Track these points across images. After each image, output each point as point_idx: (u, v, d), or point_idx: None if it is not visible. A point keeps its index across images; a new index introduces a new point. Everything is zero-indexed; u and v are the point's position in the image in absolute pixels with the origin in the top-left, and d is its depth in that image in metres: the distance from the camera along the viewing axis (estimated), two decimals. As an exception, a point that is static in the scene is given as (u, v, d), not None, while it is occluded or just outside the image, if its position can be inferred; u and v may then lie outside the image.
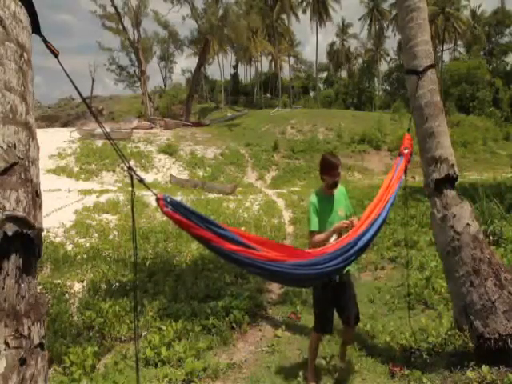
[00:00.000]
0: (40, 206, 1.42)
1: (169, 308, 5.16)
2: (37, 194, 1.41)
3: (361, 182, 22.34)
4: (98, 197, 14.46)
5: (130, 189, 2.08)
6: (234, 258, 2.46)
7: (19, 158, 1.34)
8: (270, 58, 61.09)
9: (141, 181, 2.11)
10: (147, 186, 2.21)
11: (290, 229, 11.40)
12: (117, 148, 1.98)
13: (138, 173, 2.14)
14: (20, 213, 1.29)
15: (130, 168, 2.02)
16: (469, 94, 45.32)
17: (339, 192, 3.49)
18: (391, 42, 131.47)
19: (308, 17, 54.94)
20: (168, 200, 2.23)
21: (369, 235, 3.04)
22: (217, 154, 27.87)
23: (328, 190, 3.43)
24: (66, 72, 1.74)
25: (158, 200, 2.22)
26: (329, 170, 3.36)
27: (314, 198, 3.39)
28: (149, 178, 21.52)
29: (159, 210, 2.28)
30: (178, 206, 2.27)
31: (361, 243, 2.98)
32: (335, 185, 3.41)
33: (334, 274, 3.16)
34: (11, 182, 1.29)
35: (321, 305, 3.47)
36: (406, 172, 3.62)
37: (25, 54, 1.46)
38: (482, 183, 13.34)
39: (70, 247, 8.52)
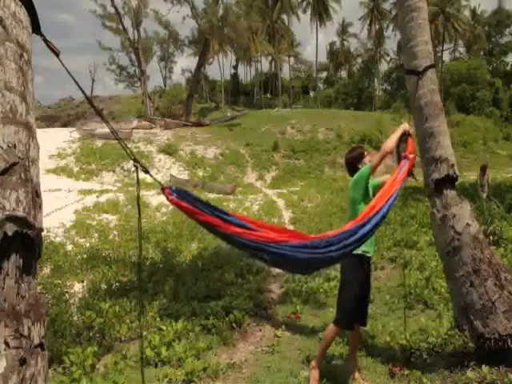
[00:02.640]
0: (40, 206, 1.42)
1: (169, 308, 5.16)
2: (37, 194, 1.41)
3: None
4: (97, 197, 14.46)
5: (135, 182, 2.13)
6: (240, 241, 2.50)
7: (19, 157, 1.34)
8: (269, 58, 61.11)
9: (146, 172, 2.18)
10: (153, 176, 2.29)
11: (290, 229, 11.40)
12: (123, 143, 2.00)
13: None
14: (20, 213, 1.29)
15: (135, 160, 2.05)
16: (469, 94, 45.29)
17: None
18: (391, 42, 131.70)
19: (308, 17, 55.04)
20: (173, 189, 2.30)
21: (369, 226, 3.05)
22: (217, 154, 27.85)
23: None
24: (67, 70, 1.74)
25: (163, 189, 2.28)
26: (361, 156, 3.67)
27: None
28: (149, 177, 21.44)
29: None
30: (183, 194, 2.32)
31: (360, 233, 3.00)
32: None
33: (331, 262, 3.16)
34: (11, 182, 1.29)
35: (357, 300, 3.42)
36: (413, 174, 3.62)
37: (25, 54, 1.46)
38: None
39: (69, 247, 8.53)
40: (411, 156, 3.66)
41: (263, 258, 2.71)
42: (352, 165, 3.68)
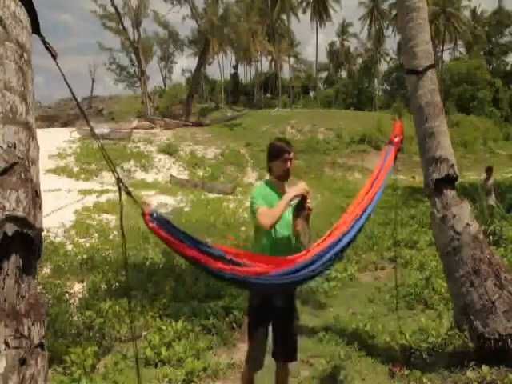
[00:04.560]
0: (40, 206, 1.42)
1: (169, 308, 5.16)
2: (37, 194, 1.41)
3: (361, 182, 22.34)
4: (97, 197, 14.45)
5: (119, 199, 1.94)
6: (222, 276, 2.37)
7: (19, 157, 1.34)
8: (269, 58, 61.10)
9: (128, 193, 2.00)
10: (134, 200, 2.07)
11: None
12: (107, 156, 1.92)
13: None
14: (20, 213, 1.29)
15: (118, 179, 1.93)
16: (469, 94, 45.32)
17: None
18: (391, 41, 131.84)
19: (309, 17, 55.07)
20: (154, 215, 2.10)
21: (355, 230, 2.86)
22: (217, 154, 27.84)
23: (279, 182, 2.86)
24: (62, 73, 1.73)
25: (143, 215, 2.08)
26: (278, 153, 2.84)
27: (260, 186, 2.87)
28: (149, 178, 21.50)
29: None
30: (164, 223, 2.13)
31: (344, 241, 2.78)
32: (287, 175, 2.85)
33: (318, 275, 2.90)
34: (11, 182, 1.29)
35: (258, 337, 2.86)
36: (395, 160, 3.47)
37: (25, 54, 1.46)
38: (482, 183, 13.34)
39: (69, 247, 8.53)
40: (396, 139, 3.50)
41: (248, 288, 2.58)
42: (269, 158, 2.90)
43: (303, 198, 2.69)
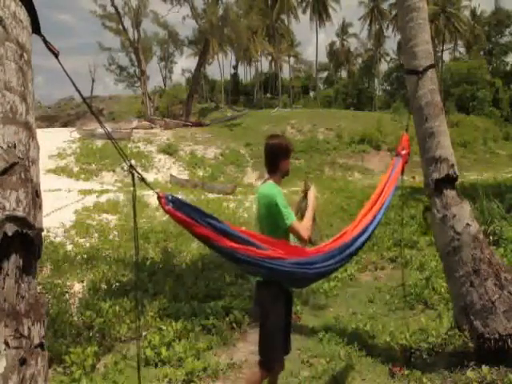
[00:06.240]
0: (40, 206, 1.42)
1: (169, 308, 5.16)
2: (37, 194, 1.41)
3: (361, 182, 22.32)
4: (97, 197, 14.45)
5: (132, 188, 2.08)
6: (234, 256, 2.43)
7: (19, 158, 1.34)
8: (269, 58, 61.12)
9: (142, 179, 2.12)
10: (148, 185, 2.21)
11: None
12: (118, 147, 1.98)
13: (134, 179, 2.13)
14: (20, 213, 1.29)
15: (131, 166, 2.02)
16: (469, 94, 45.32)
17: None
18: (391, 41, 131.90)
19: (309, 17, 55.07)
20: (169, 198, 2.22)
21: (365, 236, 3.00)
22: (217, 154, 27.84)
23: (280, 181, 2.90)
24: (66, 72, 1.74)
25: (159, 198, 2.21)
26: (289, 150, 2.88)
27: (278, 188, 2.80)
28: (149, 177, 21.50)
29: (160, 208, 2.27)
30: (179, 204, 2.25)
31: (357, 244, 2.93)
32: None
33: (328, 274, 3.07)
34: (11, 182, 1.29)
35: (281, 333, 2.82)
36: (403, 173, 3.59)
37: (25, 54, 1.46)
38: (482, 183, 13.36)
39: (69, 247, 8.52)
40: (403, 152, 3.62)
41: (258, 272, 2.63)
42: (279, 157, 2.82)
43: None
